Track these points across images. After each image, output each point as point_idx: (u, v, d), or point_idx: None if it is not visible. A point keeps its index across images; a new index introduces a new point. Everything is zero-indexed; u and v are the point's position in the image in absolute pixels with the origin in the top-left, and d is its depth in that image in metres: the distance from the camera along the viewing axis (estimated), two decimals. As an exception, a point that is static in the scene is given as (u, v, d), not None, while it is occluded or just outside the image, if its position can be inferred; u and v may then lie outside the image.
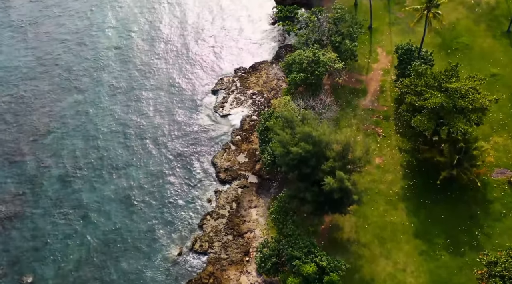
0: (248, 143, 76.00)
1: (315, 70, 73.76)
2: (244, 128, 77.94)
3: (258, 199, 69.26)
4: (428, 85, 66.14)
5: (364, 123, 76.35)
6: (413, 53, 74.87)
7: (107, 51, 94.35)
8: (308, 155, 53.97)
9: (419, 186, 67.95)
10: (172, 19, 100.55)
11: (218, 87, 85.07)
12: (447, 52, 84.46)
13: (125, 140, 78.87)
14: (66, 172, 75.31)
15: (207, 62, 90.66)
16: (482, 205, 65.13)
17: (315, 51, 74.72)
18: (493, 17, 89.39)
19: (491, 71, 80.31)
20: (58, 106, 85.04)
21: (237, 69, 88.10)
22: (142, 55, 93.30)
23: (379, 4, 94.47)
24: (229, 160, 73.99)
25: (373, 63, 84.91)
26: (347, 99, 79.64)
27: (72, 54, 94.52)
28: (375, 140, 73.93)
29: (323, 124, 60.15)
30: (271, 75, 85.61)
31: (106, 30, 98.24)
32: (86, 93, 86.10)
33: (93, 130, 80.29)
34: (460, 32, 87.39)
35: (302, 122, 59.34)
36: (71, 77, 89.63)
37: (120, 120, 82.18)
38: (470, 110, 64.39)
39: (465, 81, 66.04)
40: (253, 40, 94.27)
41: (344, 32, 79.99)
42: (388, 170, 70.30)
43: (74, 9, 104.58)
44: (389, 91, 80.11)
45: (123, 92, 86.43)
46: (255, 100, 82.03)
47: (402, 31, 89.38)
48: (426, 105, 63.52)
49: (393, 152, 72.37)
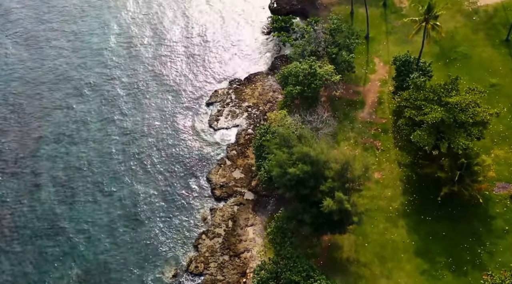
0: (244, 158, 74.21)
1: (312, 83, 72.11)
2: (240, 143, 76.13)
3: (254, 217, 67.43)
4: (427, 99, 64.64)
5: (362, 136, 74.73)
6: (411, 64, 73.36)
7: (95, 65, 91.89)
8: (306, 176, 52.24)
9: (420, 202, 66.37)
10: (163, 31, 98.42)
11: (212, 99, 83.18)
12: (445, 62, 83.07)
13: (116, 156, 76.51)
14: (56, 190, 73.05)
15: (201, 74, 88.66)
16: (484, 222, 63.62)
17: (311, 63, 73.09)
18: (491, 25, 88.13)
19: (490, 81, 78.95)
20: (48, 120, 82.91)
21: (232, 80, 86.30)
22: (133, 69, 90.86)
23: (376, 12, 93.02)
24: (224, 176, 72.11)
25: (370, 73, 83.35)
26: (344, 112, 78.01)
27: (62, 65, 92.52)
28: (374, 154, 72.31)
29: (321, 141, 58.43)
30: (267, 87, 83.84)
31: (95, 43, 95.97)
32: (75, 111, 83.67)
33: (83, 148, 77.97)
34: (458, 41, 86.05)
35: (299, 140, 57.59)
36: (59, 94, 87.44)
37: (111, 136, 79.69)
38: (471, 124, 62.96)
39: (465, 95, 64.55)
40: (248, 51, 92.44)
41: (341, 43, 78.40)
42: (388, 185, 68.67)
43: (68, 14, 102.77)
44: (387, 102, 78.54)
45: (114, 107, 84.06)
46: (251, 113, 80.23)
47: (399, 40, 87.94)
48: (425, 120, 61.95)
49: (392, 166, 70.76)
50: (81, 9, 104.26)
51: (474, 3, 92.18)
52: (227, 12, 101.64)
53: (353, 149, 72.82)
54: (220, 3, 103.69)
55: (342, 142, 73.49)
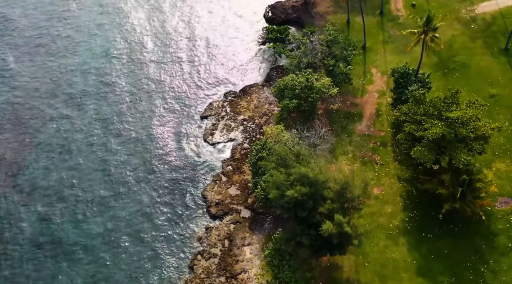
0: (239, 173, 72.31)
1: (309, 96, 70.47)
2: (235, 158, 74.27)
3: (251, 236, 65.57)
4: (427, 114, 63.05)
5: (360, 150, 73.08)
6: (410, 76, 71.77)
7: (89, 78, 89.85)
8: (304, 198, 50.46)
9: (420, 219, 64.76)
10: (156, 43, 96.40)
11: (207, 113, 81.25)
12: (444, 72, 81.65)
13: (108, 174, 74.31)
14: (46, 210, 70.77)
15: (195, 87, 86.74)
16: (486, 239, 62.07)
17: (308, 76, 71.41)
18: (489, 33, 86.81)
19: (490, 92, 77.56)
20: (41, 132, 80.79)
21: (227, 93, 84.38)
22: (125, 81, 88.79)
23: (372, 21, 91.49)
24: (220, 193, 70.22)
25: (368, 84, 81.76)
26: (342, 124, 76.35)
27: (56, 74, 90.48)
28: (373, 169, 70.67)
29: (319, 159, 56.67)
30: (262, 99, 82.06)
31: (89, 56, 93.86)
32: (66, 124, 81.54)
33: (74, 164, 75.84)
34: (456, 50, 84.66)
35: (296, 158, 55.84)
36: (49, 105, 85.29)
37: (103, 153, 77.37)
38: (472, 139, 61.46)
39: (466, 109, 63.00)
40: (243, 61, 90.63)
41: (338, 54, 76.77)
42: (387, 201, 67.03)
43: (64, 23, 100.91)
44: (385, 114, 76.95)
45: (106, 121, 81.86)
46: (246, 126, 78.40)
47: (397, 49, 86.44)
48: (426, 136, 60.36)
49: (391, 181, 69.14)
50: (77, 19, 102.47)
51: (471, 11, 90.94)
52: (221, 21, 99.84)
53: (351, 163, 71.29)
54: (214, 12, 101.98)
55: (340, 157, 71.96)
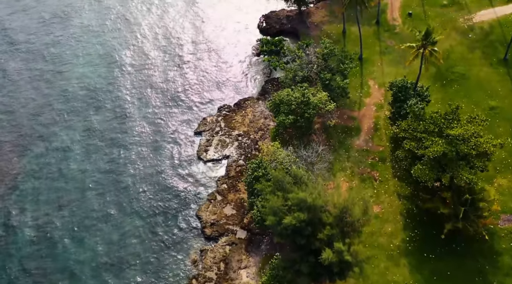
0: (235, 192, 70.22)
1: (305, 112, 68.48)
2: (231, 175, 72.13)
3: (248, 258, 63.42)
4: (427, 131, 61.22)
5: (359, 166, 71.20)
6: (409, 90, 69.99)
7: (78, 93, 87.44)
8: (302, 225, 48.45)
9: (422, 238, 62.87)
10: (147, 55, 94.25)
11: (201, 128, 79.04)
12: (442, 83, 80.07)
13: (98, 192, 71.74)
14: (36, 233, 68.23)
15: (188, 101, 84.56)
16: (490, 258, 60.28)
17: (304, 91, 69.46)
18: (488, 43, 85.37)
19: (489, 104, 76.03)
20: (27, 153, 78.21)
21: (221, 107, 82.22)
22: (116, 97, 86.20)
23: (369, 31, 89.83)
24: (215, 213, 68.06)
25: (365, 97, 79.99)
26: (339, 139, 74.47)
27: (43, 91, 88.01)
28: (372, 186, 68.79)
29: (317, 181, 54.67)
30: (258, 113, 80.00)
31: (77, 70, 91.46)
32: (55, 142, 79.10)
33: (63, 184, 73.36)
34: (454, 60, 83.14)
35: (294, 180, 53.84)
36: (38, 120, 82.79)
37: (94, 172, 74.70)
38: (474, 156, 59.69)
39: (466, 125, 61.22)
40: (237, 74, 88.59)
41: (334, 67, 74.90)
42: (388, 220, 65.13)
43: (49, 39, 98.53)
44: (383, 128, 75.17)
45: (95, 138, 79.26)
46: (241, 142, 76.31)
47: (394, 60, 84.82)
48: (427, 154, 58.53)
49: (391, 198, 67.28)
50: (63, 32, 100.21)
51: (469, 20, 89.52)
52: (214, 32, 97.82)
53: (350, 180, 69.45)
54: (207, 23, 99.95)
55: (338, 173, 70.01)
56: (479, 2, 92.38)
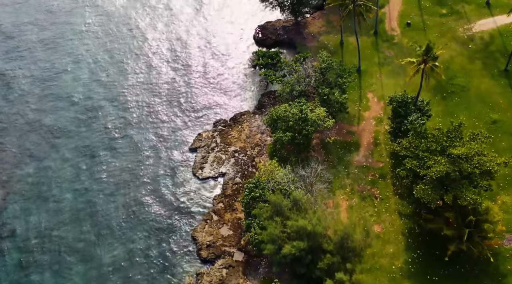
0: (231, 211, 68.13)
1: (303, 128, 66.54)
2: (227, 194, 70.04)
3: (245, 282, 61.22)
4: (430, 149, 59.39)
5: (358, 183, 69.27)
6: (409, 105, 68.16)
7: (67, 109, 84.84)
8: (302, 253, 46.46)
9: (425, 259, 61.00)
10: (140, 67, 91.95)
11: (196, 144, 76.86)
12: (443, 95, 78.35)
13: (90, 215, 69.13)
14: (25, 257, 65.70)
15: (183, 115, 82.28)
16: (495, 280, 58.42)
17: (301, 107, 67.52)
18: (488, 53, 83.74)
19: (491, 117, 74.32)
20: (16, 173, 75.73)
21: (217, 122, 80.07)
22: (108, 112, 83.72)
23: (367, 42, 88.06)
24: (211, 234, 65.95)
25: (364, 110, 78.13)
26: (338, 155, 72.54)
27: (31, 109, 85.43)
28: (372, 204, 66.89)
29: (317, 205, 52.71)
30: (254, 128, 77.95)
31: (66, 86, 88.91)
32: (45, 161, 76.63)
33: (53, 205, 70.80)
34: (454, 71, 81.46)
35: (293, 204, 51.84)
36: (27, 138, 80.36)
37: (85, 191, 72.22)
38: (477, 175, 57.90)
39: (469, 143, 59.41)
40: (233, 87, 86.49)
41: (332, 81, 72.99)
42: (389, 240, 63.21)
43: (37, 52, 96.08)
44: (383, 144, 73.30)
45: (87, 157, 76.61)
46: (238, 158, 74.25)
47: (393, 72, 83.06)
48: (429, 175, 56.69)
49: (392, 217, 65.39)
50: (51, 45, 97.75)
51: (468, 29, 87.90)
52: (209, 43, 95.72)
53: (349, 198, 67.53)
54: (201, 35, 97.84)
55: (338, 191, 68.13)
56: (478, 11, 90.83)
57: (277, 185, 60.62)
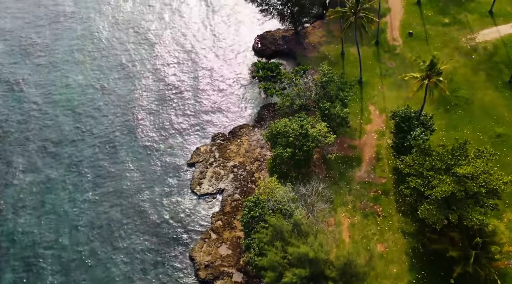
0: (230, 229, 66.36)
1: (304, 144, 64.81)
2: (226, 211, 68.25)
3: (245, 304, 59.61)
4: (434, 168, 57.68)
5: (361, 199, 67.56)
6: (412, 120, 66.47)
7: (64, 120, 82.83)
8: (304, 281, 44.72)
9: (429, 281, 59.30)
10: (135, 78, 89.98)
11: (194, 159, 74.99)
12: (446, 108, 76.66)
13: (84, 231, 67.20)
14: (19, 275, 64.02)
15: (180, 129, 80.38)
16: (502, 302, 56.83)
17: (302, 122, 65.80)
18: (492, 64, 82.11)
19: (496, 131, 72.68)
20: (8, 187, 73.86)
21: (215, 135, 78.24)
22: (103, 124, 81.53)
23: (368, 52, 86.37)
24: (209, 253, 64.14)
25: (365, 124, 76.41)
26: (340, 170, 70.81)
27: (26, 121, 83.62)
28: (375, 222, 65.17)
29: (318, 227, 51.00)
30: (254, 142, 76.19)
31: (63, 98, 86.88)
32: (39, 172, 74.71)
33: (48, 220, 68.72)
34: (458, 83, 79.80)
35: (294, 228, 50.11)
36: (19, 152, 78.41)
37: (79, 207, 70.18)
38: (484, 195, 56.24)
39: (475, 161, 57.69)
40: (232, 99, 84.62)
41: (333, 95, 71.28)
42: (392, 260, 61.48)
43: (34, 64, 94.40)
44: (386, 158, 71.57)
45: (82, 172, 74.51)
46: (237, 174, 72.46)
47: (395, 84, 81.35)
48: (434, 195, 54.98)
49: (396, 236, 63.65)
50: (48, 56, 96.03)
51: (472, 39, 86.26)
52: (206, 53, 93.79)
53: (351, 216, 65.81)
54: (199, 44, 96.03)
55: (340, 208, 66.41)
56: (481, 20, 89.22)
57: (277, 205, 58.92)
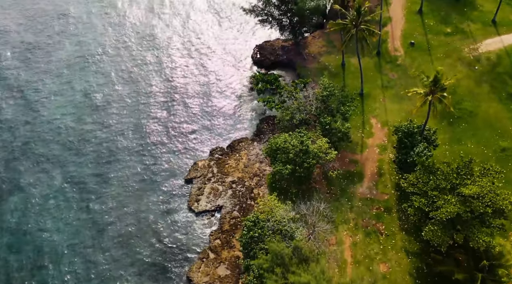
0: (229, 248, 64.59)
1: (304, 161, 63.11)
2: (224, 229, 66.49)
3: (244, 327, 57.82)
4: (439, 188, 55.99)
5: (363, 217, 65.83)
6: (415, 135, 64.81)
7: (55, 136, 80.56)
8: (305, 311, 43.10)
9: (434, 303, 57.71)
10: (131, 90, 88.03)
11: (192, 174, 73.16)
12: (449, 121, 75.00)
13: (78, 253, 65.15)
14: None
15: (177, 143, 78.40)
16: (509, 326, 55.10)
17: (302, 138, 64.11)
18: (495, 75, 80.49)
19: (500, 145, 71.05)
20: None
21: (213, 150, 76.41)
22: (98, 139, 79.51)
23: (369, 63, 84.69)
24: (207, 274, 62.37)
25: (367, 137, 74.71)
26: (341, 186, 69.09)
27: (16, 138, 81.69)
28: (378, 241, 63.43)
29: (320, 250, 49.29)
30: (253, 157, 74.45)
31: (54, 112, 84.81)
32: (31, 191, 72.66)
33: (41, 240, 66.91)
34: (461, 95, 78.16)
35: (294, 252, 48.40)
36: (11, 168, 76.56)
37: (72, 226, 68.18)
38: (490, 215, 54.59)
39: (481, 180, 56.00)
40: (230, 111, 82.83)
41: (334, 108, 69.62)
42: (396, 281, 59.72)
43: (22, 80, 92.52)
44: (388, 174, 69.87)
45: (76, 189, 72.54)
46: (236, 190, 70.72)
47: (397, 96, 79.67)
48: (439, 216, 53.28)
49: (399, 256, 61.92)
50: (41, 65, 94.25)
51: (475, 49, 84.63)
52: (205, 66, 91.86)
53: (353, 234, 64.10)
54: (197, 55, 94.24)
55: (341, 226, 64.71)
56: (484, 29, 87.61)
57: (276, 225, 57.23)
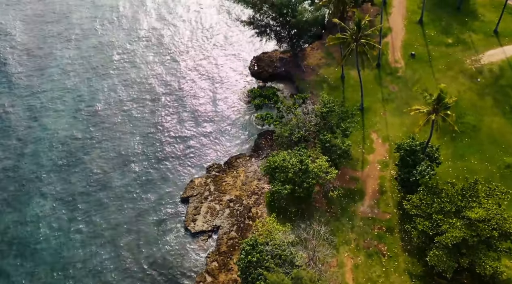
0: (226, 271, 62.56)
1: (304, 181, 61.21)
2: (222, 250, 64.48)
3: None
4: (443, 211, 54.15)
5: (364, 237, 63.91)
6: (418, 153, 62.96)
7: (51, 152, 78.43)
8: None
9: (439, 329, 55.83)
10: (126, 104, 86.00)
11: (188, 193, 71.09)
12: (452, 136, 73.14)
13: (72, 276, 63.10)
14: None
15: (173, 160, 76.29)
16: None
17: (302, 157, 62.20)
18: (498, 88, 78.81)
19: (504, 161, 69.25)
20: None
21: (210, 166, 74.38)
22: (94, 155, 77.48)
23: (369, 75, 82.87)
24: (204, 299, 60.45)
25: (368, 153, 72.83)
26: (341, 205, 67.17)
27: (9, 156, 79.68)
28: (380, 262, 61.49)
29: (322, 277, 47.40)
30: (251, 174, 72.49)
31: (51, 126, 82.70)
32: (26, 211, 70.47)
33: (35, 261, 64.79)
34: (464, 108, 76.40)
35: (293, 281, 46.48)
36: (8, 184, 74.64)
37: (68, 246, 66.08)
38: (496, 238, 52.79)
39: (486, 202, 54.20)
40: (227, 126, 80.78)
41: (334, 124, 67.76)
42: (399, 306, 57.99)
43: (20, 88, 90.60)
44: (390, 192, 68.01)
45: (71, 207, 70.29)
46: (233, 209, 68.72)
47: (398, 109, 77.84)
48: (445, 241, 51.43)
49: (402, 279, 59.99)
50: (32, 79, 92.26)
51: (477, 61, 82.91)
52: (202, 78, 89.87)
53: (354, 256, 62.15)
54: (194, 67, 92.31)
55: (342, 247, 62.77)
56: (486, 40, 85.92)
57: (275, 249, 55.27)
